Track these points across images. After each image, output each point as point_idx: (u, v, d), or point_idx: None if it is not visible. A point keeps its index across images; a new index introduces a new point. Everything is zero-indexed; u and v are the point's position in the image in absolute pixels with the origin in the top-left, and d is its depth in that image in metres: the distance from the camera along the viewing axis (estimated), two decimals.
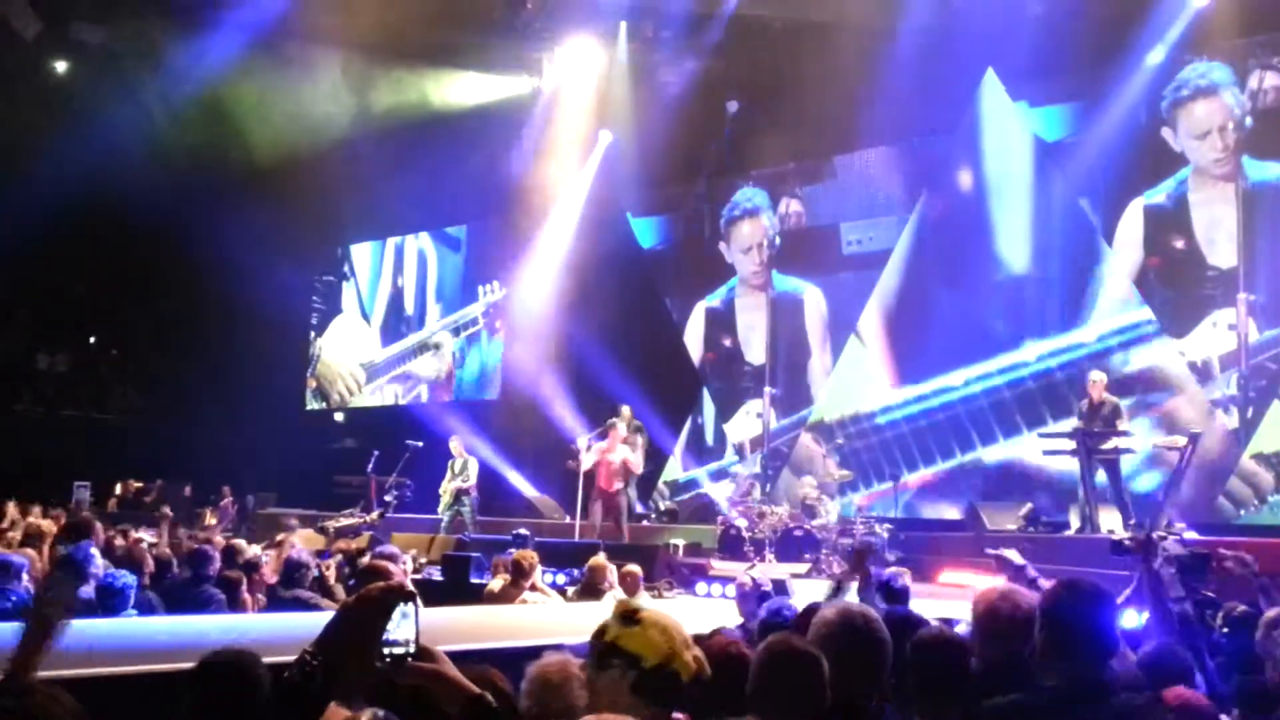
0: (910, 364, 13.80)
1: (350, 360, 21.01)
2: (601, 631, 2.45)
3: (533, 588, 7.93)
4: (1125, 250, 12.23)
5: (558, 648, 3.02)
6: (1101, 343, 12.17)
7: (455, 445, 14.06)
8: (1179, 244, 11.85)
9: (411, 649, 1.80)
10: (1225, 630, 4.38)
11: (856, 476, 12.83)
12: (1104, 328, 12.23)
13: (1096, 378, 10.42)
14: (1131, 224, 12.18)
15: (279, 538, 9.43)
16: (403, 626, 1.78)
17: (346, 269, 21.39)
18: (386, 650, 1.76)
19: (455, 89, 16.63)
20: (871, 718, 2.78)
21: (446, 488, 13.79)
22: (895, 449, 13.65)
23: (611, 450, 12.25)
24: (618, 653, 2.37)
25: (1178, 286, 11.83)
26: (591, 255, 16.22)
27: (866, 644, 2.86)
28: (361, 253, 21.21)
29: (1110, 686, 2.91)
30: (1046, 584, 3.89)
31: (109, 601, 5.79)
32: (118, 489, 17.73)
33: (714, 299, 16.14)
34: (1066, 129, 12.87)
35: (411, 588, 1.79)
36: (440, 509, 13.81)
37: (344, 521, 12.58)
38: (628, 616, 2.43)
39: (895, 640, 2.95)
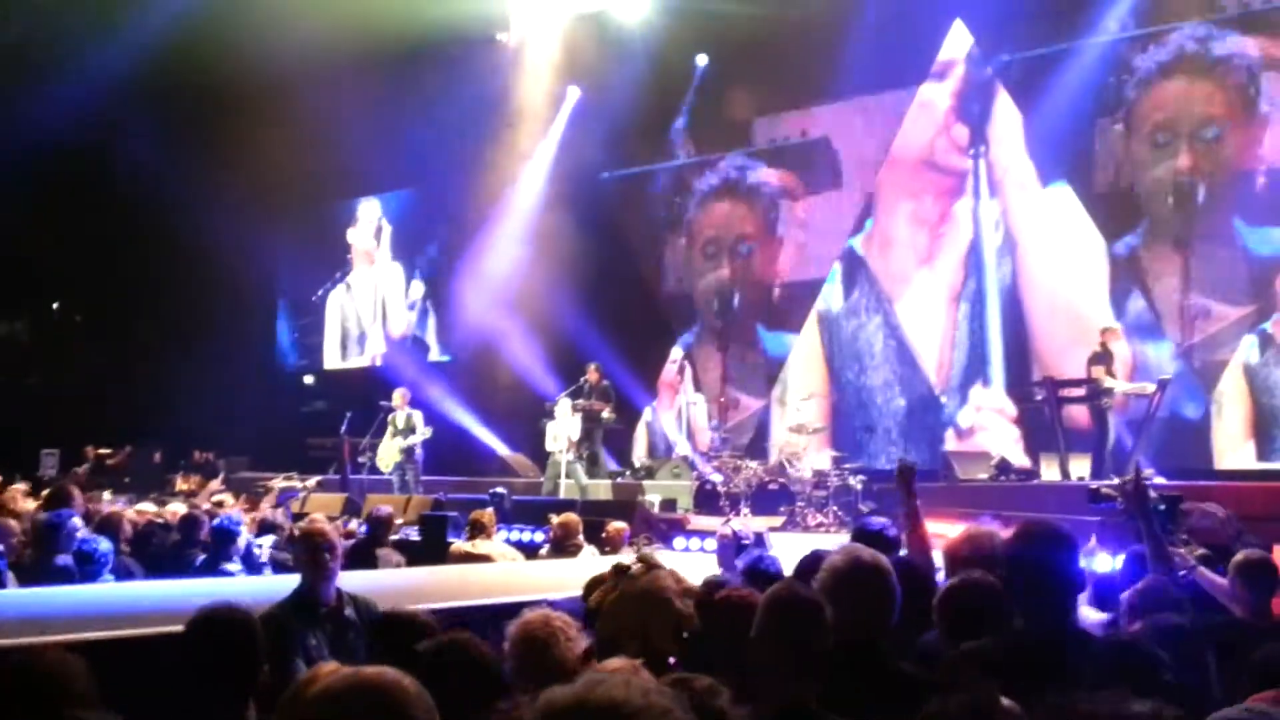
0: None
1: None
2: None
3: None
4: None
5: (538, 604, 3.02)
6: None
7: (399, 397, 13.39)
8: None
9: None
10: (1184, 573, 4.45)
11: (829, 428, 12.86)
12: None
13: (1109, 325, 10.29)
14: None
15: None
16: None
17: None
18: None
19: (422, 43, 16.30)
20: (877, 661, 2.80)
21: (390, 445, 13.12)
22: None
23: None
24: None
25: None
26: (562, 212, 16.08)
27: (877, 589, 2.86)
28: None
29: (1073, 628, 2.95)
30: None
31: (86, 568, 5.77)
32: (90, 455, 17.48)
33: None
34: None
35: None
36: (385, 469, 13.26)
37: (281, 485, 12.11)
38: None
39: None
